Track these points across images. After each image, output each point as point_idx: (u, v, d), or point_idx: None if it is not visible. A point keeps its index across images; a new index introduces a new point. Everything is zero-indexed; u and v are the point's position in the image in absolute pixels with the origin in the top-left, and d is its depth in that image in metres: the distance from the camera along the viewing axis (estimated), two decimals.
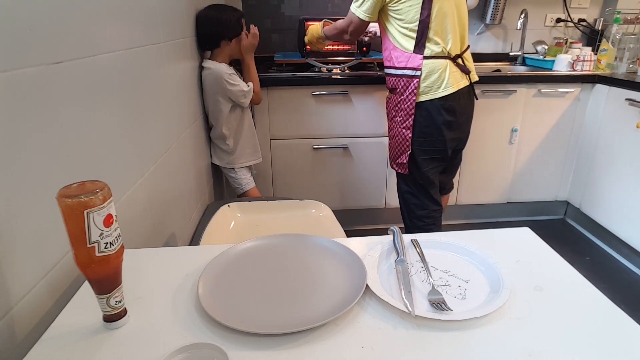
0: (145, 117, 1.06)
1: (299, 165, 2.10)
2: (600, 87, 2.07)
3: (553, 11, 2.54)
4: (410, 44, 1.46)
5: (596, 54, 2.24)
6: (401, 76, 1.51)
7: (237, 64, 1.80)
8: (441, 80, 1.47)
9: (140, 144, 1.03)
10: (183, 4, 1.44)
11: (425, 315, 0.58)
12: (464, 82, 1.52)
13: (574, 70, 2.18)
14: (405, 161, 1.57)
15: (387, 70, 1.59)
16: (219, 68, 1.59)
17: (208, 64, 1.61)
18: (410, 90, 1.49)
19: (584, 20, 2.56)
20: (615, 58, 2.19)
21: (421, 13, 1.41)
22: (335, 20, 1.77)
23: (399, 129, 1.56)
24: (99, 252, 0.53)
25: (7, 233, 0.56)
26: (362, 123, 2.06)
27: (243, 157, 1.80)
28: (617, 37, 2.20)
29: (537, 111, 2.13)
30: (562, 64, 2.21)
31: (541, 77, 2.08)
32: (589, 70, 2.16)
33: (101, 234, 0.52)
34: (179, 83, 1.38)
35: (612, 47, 2.20)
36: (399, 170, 1.62)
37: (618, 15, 2.25)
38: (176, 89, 1.34)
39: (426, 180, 1.60)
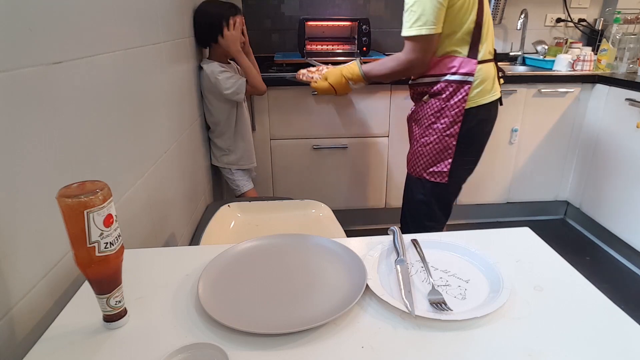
0: (145, 117, 1.06)
1: (299, 165, 2.10)
2: (600, 87, 2.07)
3: (553, 11, 2.54)
4: (464, 48, 1.34)
5: (596, 54, 2.24)
6: (451, 81, 1.36)
7: None
8: (490, 86, 1.38)
9: (140, 144, 1.03)
10: (182, 4, 1.44)
11: (425, 315, 0.58)
12: (500, 89, 1.45)
13: (574, 70, 2.18)
14: (446, 169, 1.43)
15: (429, 79, 1.41)
16: (211, 67, 1.59)
17: (204, 63, 1.62)
18: (460, 96, 1.36)
19: (584, 20, 2.56)
20: (615, 58, 2.19)
21: (477, 14, 1.30)
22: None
23: (441, 136, 1.41)
24: (99, 252, 0.53)
25: (7, 233, 0.56)
26: (362, 123, 2.06)
27: (242, 160, 1.79)
28: (617, 37, 2.20)
29: (537, 111, 2.13)
30: (562, 64, 2.21)
31: (541, 77, 2.08)
32: (589, 70, 2.16)
33: (101, 234, 0.52)
34: (179, 83, 1.38)
35: (612, 47, 2.20)
36: (433, 179, 1.47)
37: (618, 15, 2.25)
38: (176, 89, 1.34)
39: (454, 191, 1.52)
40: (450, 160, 1.42)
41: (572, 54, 2.21)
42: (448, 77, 1.36)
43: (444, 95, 1.39)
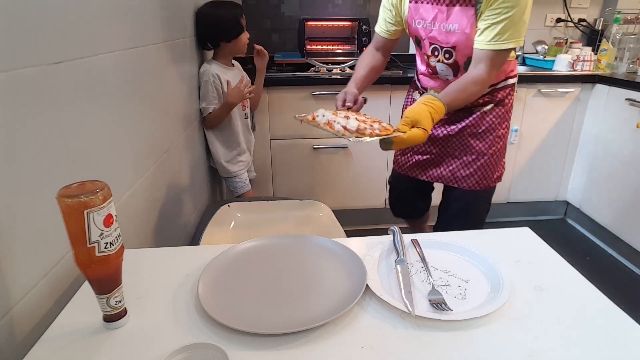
0: (145, 117, 1.06)
1: (299, 165, 2.10)
2: (600, 87, 2.07)
3: (553, 11, 2.54)
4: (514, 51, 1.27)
5: (596, 54, 2.24)
6: (510, 85, 1.33)
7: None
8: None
9: (140, 144, 1.03)
10: (183, 4, 1.44)
11: (425, 315, 0.58)
12: None
13: (574, 70, 2.17)
14: (504, 169, 1.40)
15: (490, 88, 1.29)
16: (207, 69, 1.58)
17: (206, 62, 1.62)
18: (511, 97, 1.33)
19: (584, 20, 2.56)
20: (615, 58, 2.19)
21: None
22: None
23: (504, 140, 1.36)
24: (99, 252, 0.53)
25: (7, 233, 0.56)
26: None
27: (235, 166, 1.76)
28: (617, 37, 2.20)
29: (537, 111, 2.13)
30: (562, 64, 2.21)
31: (541, 77, 2.08)
32: (589, 70, 2.16)
33: (101, 234, 0.52)
34: (179, 83, 1.38)
35: (612, 47, 2.20)
36: (497, 183, 1.40)
37: (618, 15, 2.25)
38: (176, 89, 1.34)
39: None
40: (504, 159, 1.40)
41: (572, 54, 2.21)
42: (508, 81, 1.32)
43: (506, 101, 1.32)
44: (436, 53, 1.26)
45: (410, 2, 1.22)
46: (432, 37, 1.23)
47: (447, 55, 1.24)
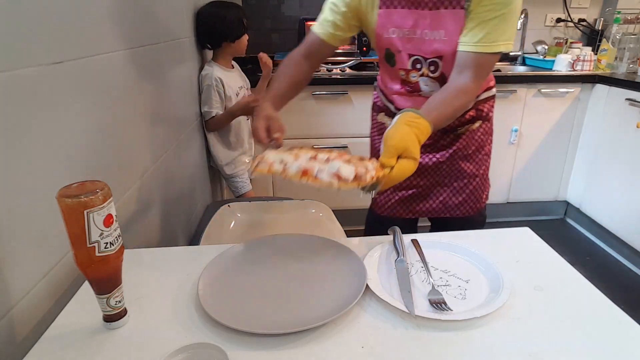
0: (145, 117, 1.06)
1: None
2: (600, 87, 2.07)
3: (553, 11, 2.54)
4: None
5: (596, 54, 2.24)
6: (493, 96, 1.22)
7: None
8: None
9: (140, 143, 1.03)
10: (183, 4, 1.44)
11: (425, 315, 0.58)
12: None
13: (574, 70, 2.18)
14: (490, 187, 1.30)
15: (476, 100, 1.18)
16: (210, 72, 1.58)
17: (207, 64, 1.61)
18: (493, 109, 1.23)
19: (584, 20, 2.56)
20: (615, 58, 2.19)
21: None
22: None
23: (490, 159, 1.26)
24: (99, 252, 0.53)
25: (7, 233, 0.56)
26: (362, 123, 2.05)
27: (237, 166, 1.76)
28: (617, 37, 2.20)
29: (537, 111, 2.13)
30: (562, 64, 2.21)
31: (541, 77, 2.08)
32: (589, 70, 2.16)
33: (101, 234, 0.52)
34: (179, 83, 1.38)
35: (612, 47, 2.20)
36: (486, 202, 1.29)
37: (618, 15, 2.25)
38: (176, 89, 1.34)
39: None
40: (488, 173, 1.29)
41: (572, 54, 2.21)
42: (491, 91, 1.20)
43: (490, 114, 1.21)
44: (418, 66, 1.06)
45: (380, 7, 1.01)
46: (412, 47, 1.03)
47: (432, 68, 1.05)
